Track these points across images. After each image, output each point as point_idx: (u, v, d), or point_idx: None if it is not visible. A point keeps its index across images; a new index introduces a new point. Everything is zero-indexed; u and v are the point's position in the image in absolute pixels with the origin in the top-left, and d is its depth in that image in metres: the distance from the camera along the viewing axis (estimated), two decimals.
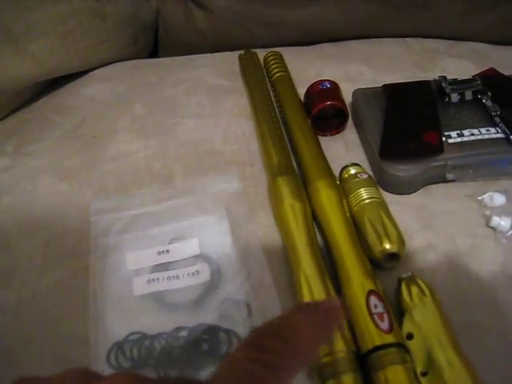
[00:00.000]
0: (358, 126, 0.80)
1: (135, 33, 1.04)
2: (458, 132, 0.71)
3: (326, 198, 0.63)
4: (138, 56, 1.06)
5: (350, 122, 0.82)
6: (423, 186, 0.70)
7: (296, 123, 0.76)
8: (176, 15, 1.06)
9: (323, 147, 0.76)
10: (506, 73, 0.83)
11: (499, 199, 0.66)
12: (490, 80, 0.79)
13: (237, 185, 0.70)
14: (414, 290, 0.54)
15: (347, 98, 0.82)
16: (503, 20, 1.00)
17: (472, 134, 0.70)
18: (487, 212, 0.65)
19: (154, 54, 1.14)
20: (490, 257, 0.61)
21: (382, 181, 0.70)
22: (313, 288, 0.53)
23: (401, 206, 0.67)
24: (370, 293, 0.53)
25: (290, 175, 0.66)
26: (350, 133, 0.81)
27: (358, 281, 0.54)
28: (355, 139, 0.79)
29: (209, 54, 1.04)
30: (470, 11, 0.99)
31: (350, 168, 0.68)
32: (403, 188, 0.69)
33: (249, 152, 0.76)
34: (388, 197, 0.68)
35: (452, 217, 0.66)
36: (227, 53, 1.03)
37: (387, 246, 0.57)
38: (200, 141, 0.79)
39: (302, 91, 0.84)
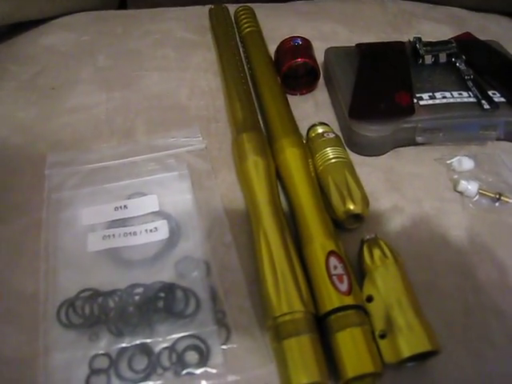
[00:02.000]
0: (329, 86, 0.77)
1: None
2: (430, 94, 0.69)
3: (290, 156, 0.61)
4: (106, 7, 1.01)
5: (321, 81, 0.79)
6: (392, 148, 0.68)
7: (264, 80, 0.73)
8: None
9: (293, 106, 0.73)
10: (483, 39, 0.81)
11: (468, 163, 0.65)
12: (465, 44, 0.77)
13: (200, 141, 0.67)
14: (376, 251, 0.52)
15: (320, 57, 0.79)
16: None
17: (444, 97, 0.69)
18: (455, 176, 0.64)
19: (122, 6, 1.09)
20: (456, 221, 0.60)
21: (350, 141, 0.68)
22: (271, 246, 0.52)
23: (369, 168, 0.65)
24: (331, 253, 0.51)
25: (254, 131, 0.64)
26: (321, 92, 0.78)
27: (318, 241, 0.52)
28: (326, 99, 0.77)
29: (179, 8, 1.00)
30: None
31: (318, 127, 0.66)
32: (372, 149, 0.67)
33: (214, 108, 0.73)
34: (356, 158, 0.66)
35: (420, 180, 0.64)
36: (198, 7, 0.99)
37: (350, 207, 0.55)
38: (164, 95, 0.76)
39: (273, 49, 0.81)
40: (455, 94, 0.69)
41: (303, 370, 0.45)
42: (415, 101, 0.68)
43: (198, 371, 0.47)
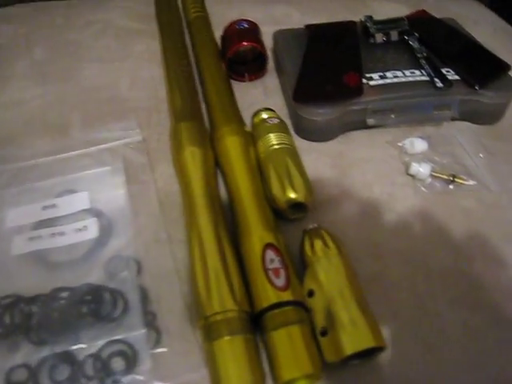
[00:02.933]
0: (279, 70, 0.74)
1: None
2: (381, 74, 0.65)
3: (230, 144, 0.57)
4: None
5: (272, 66, 0.75)
6: (342, 133, 0.64)
7: (207, 67, 0.69)
8: None
9: (241, 93, 0.70)
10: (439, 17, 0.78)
11: (420, 145, 0.61)
12: (419, 22, 0.74)
13: (137, 133, 0.63)
14: (318, 242, 0.48)
15: (269, 42, 0.75)
16: None
17: (395, 76, 0.65)
18: (407, 159, 0.60)
19: None
20: (408, 206, 0.57)
21: (297, 127, 0.64)
22: (204, 242, 0.48)
23: (316, 154, 0.62)
24: (267, 246, 0.47)
25: (193, 121, 0.60)
26: (270, 78, 0.75)
27: (256, 233, 0.49)
28: (276, 84, 0.73)
29: None
30: None
31: (262, 113, 0.62)
32: (320, 134, 0.64)
33: (157, 98, 0.69)
34: (304, 144, 0.63)
35: (370, 164, 0.61)
36: None
37: (291, 195, 0.52)
38: (103, 87, 0.71)
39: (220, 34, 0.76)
40: (407, 72, 0.66)
41: (235, 374, 0.41)
42: (364, 81, 0.64)
43: (125, 379, 0.43)
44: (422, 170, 0.58)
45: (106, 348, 0.45)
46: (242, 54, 0.73)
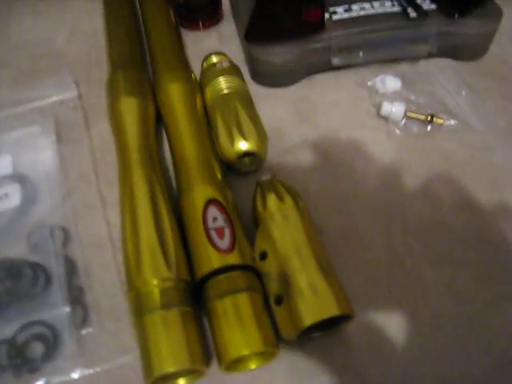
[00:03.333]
0: (235, 13, 0.65)
1: None
2: (346, 7, 0.57)
3: (172, 91, 0.49)
4: None
5: (228, 10, 0.67)
6: (304, 76, 0.57)
7: (151, 12, 0.61)
8: None
9: (193, 43, 0.62)
10: None
11: (392, 83, 0.54)
12: None
13: (73, 89, 0.55)
14: (271, 196, 0.41)
15: None
16: None
17: (362, 9, 0.57)
18: (378, 99, 0.53)
19: None
20: (380, 152, 0.50)
21: (254, 72, 0.57)
22: (137, 202, 0.41)
23: (274, 100, 0.54)
24: (210, 202, 0.40)
25: (131, 69, 0.52)
26: (227, 24, 0.67)
27: (197, 189, 0.41)
28: (232, 31, 0.65)
29: None
30: None
31: (213, 56, 0.54)
32: (278, 78, 0.56)
33: (98, 51, 0.61)
34: (261, 91, 0.55)
35: (337, 108, 0.54)
36: None
37: (240, 146, 0.44)
38: (38, 41, 0.64)
39: None
40: (376, 4, 0.58)
41: (169, 354, 0.34)
42: (327, 16, 0.56)
43: (44, 366, 0.36)
44: (394, 110, 0.50)
45: (23, 331, 0.38)
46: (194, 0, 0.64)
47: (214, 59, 0.54)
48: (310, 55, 0.55)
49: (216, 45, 0.63)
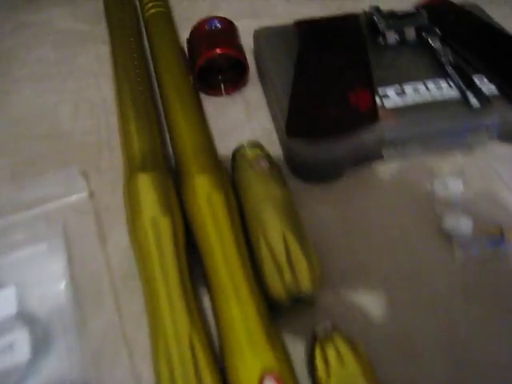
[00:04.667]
0: (262, 79, 0.58)
1: None
2: (398, 88, 0.50)
3: (205, 204, 0.41)
4: None
5: (253, 72, 0.59)
6: (349, 169, 0.49)
7: (168, 83, 0.53)
8: None
9: (217, 113, 0.56)
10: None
11: (454, 187, 0.47)
12: (438, 13, 0.59)
13: (82, 187, 0.47)
14: (331, 353, 0.34)
15: (250, 40, 0.59)
16: None
17: (416, 91, 0.50)
18: (438, 207, 0.45)
19: None
20: (446, 279, 0.42)
21: (291, 164, 0.49)
22: (171, 354, 0.33)
23: (315, 202, 0.47)
24: (265, 377, 0.32)
25: (154, 170, 0.44)
26: (253, 88, 0.59)
27: (246, 356, 0.34)
28: (260, 97, 0.58)
29: None
30: None
31: (247, 150, 0.46)
32: (321, 174, 0.49)
33: (108, 127, 0.54)
34: (301, 187, 0.48)
35: (390, 214, 0.46)
36: None
37: (293, 289, 0.37)
38: (38, 116, 0.55)
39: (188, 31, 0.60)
40: (430, 84, 0.51)
41: None
42: (378, 101, 0.48)
43: None
44: (461, 225, 0.43)
45: None
46: (215, 62, 0.56)
47: (249, 154, 0.46)
48: (360, 149, 0.47)
49: (243, 115, 0.57)
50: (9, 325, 0.38)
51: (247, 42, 0.59)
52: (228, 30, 0.57)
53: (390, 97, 0.49)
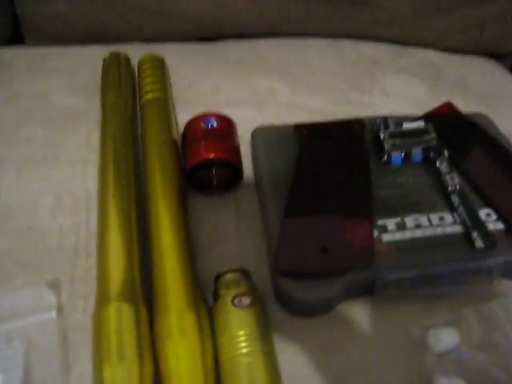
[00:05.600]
0: (257, 183, 0.55)
1: None
2: (398, 221, 0.47)
3: (175, 354, 0.38)
4: None
5: (249, 171, 0.56)
6: (337, 305, 0.46)
7: (154, 190, 0.50)
8: None
9: (205, 214, 0.53)
10: (465, 97, 0.60)
11: (449, 340, 0.43)
12: (445, 126, 0.55)
13: (50, 305, 0.44)
14: None
15: (249, 129, 0.56)
16: (460, 27, 0.75)
17: (418, 226, 0.47)
18: (430, 361, 0.42)
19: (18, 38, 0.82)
20: None
21: (277, 296, 0.46)
22: None
23: (299, 344, 0.43)
24: None
25: (129, 302, 0.41)
26: (247, 190, 0.56)
27: None
28: (253, 201, 0.54)
29: (73, 48, 0.75)
30: (422, 12, 0.73)
31: (229, 284, 0.43)
32: (308, 312, 0.46)
33: (88, 230, 0.51)
34: (285, 317, 0.44)
35: (375, 367, 0.43)
36: (98, 47, 0.74)
37: None
38: (18, 209, 0.52)
39: (188, 116, 0.58)
40: (434, 217, 0.48)
41: None
42: (375, 234, 0.45)
43: None
44: None
45: None
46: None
47: (231, 289, 0.43)
48: (351, 288, 0.44)
49: (232, 224, 0.53)
50: None
51: (246, 130, 0.56)
52: (224, 130, 0.55)
53: (389, 229, 0.46)
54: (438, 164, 0.52)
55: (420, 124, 0.54)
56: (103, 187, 0.50)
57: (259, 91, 0.67)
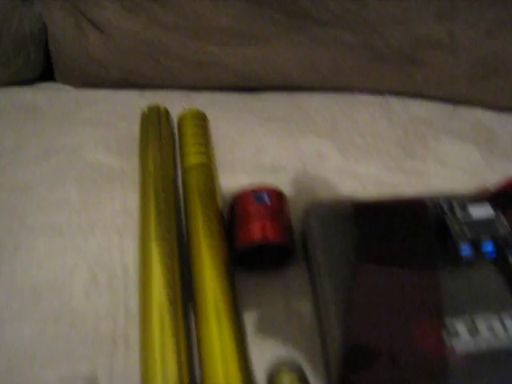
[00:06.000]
0: (309, 265, 0.51)
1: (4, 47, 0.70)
2: (470, 325, 0.42)
3: None
4: (17, 78, 0.71)
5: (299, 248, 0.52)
6: None
7: (201, 272, 0.45)
8: (66, 29, 0.72)
9: (250, 294, 0.48)
10: None
11: None
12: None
13: None
14: None
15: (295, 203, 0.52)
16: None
17: (491, 330, 0.42)
18: None
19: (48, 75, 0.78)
20: None
21: None
22: None
23: None
24: None
25: None
26: (296, 269, 0.51)
27: None
28: (303, 282, 0.50)
29: (107, 92, 0.71)
30: (476, 73, 0.69)
31: (283, 377, 0.39)
32: None
33: (127, 313, 0.46)
34: None
35: None
36: (134, 92, 0.70)
37: None
38: (49, 288, 0.47)
39: (231, 181, 0.55)
40: (508, 322, 0.42)
41: None
42: (446, 339, 0.40)
43: None
44: None
45: None
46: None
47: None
48: None
49: (280, 307, 0.49)
50: None
51: (294, 201, 0.53)
52: (277, 208, 0.50)
53: (461, 335, 0.42)
54: (510, 260, 0.47)
55: (489, 212, 0.49)
56: (145, 271, 0.45)
57: (306, 153, 0.63)
